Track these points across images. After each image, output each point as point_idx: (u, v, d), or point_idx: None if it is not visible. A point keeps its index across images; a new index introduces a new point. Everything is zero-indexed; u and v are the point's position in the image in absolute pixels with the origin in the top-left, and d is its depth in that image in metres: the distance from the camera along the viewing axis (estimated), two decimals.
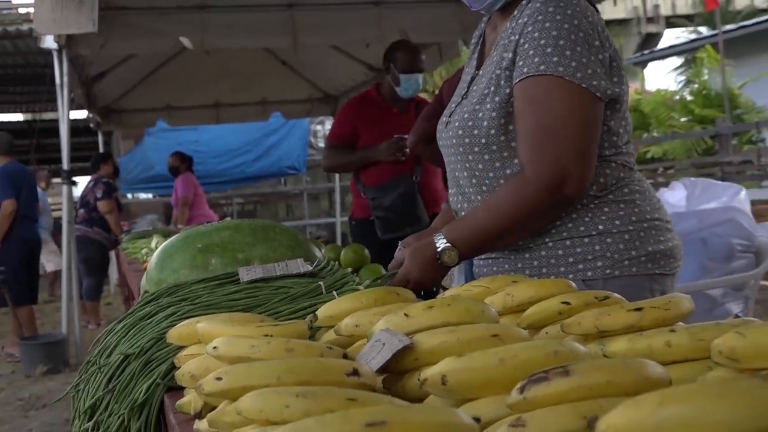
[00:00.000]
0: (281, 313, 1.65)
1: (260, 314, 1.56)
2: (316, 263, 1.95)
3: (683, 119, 15.48)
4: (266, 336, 1.21)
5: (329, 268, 1.95)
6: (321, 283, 1.77)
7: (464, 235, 1.81)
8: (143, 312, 1.74)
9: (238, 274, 1.84)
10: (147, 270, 2.10)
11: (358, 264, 2.24)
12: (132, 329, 1.68)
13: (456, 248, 1.79)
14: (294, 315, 1.63)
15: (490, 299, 1.38)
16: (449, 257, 1.80)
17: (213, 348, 1.16)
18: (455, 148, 1.94)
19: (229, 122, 11.46)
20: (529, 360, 0.92)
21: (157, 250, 2.14)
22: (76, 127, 7.80)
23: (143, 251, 4.64)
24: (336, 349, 1.16)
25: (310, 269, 1.88)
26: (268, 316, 1.56)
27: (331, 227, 14.82)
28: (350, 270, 2.05)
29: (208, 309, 1.66)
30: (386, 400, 0.89)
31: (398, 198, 4.24)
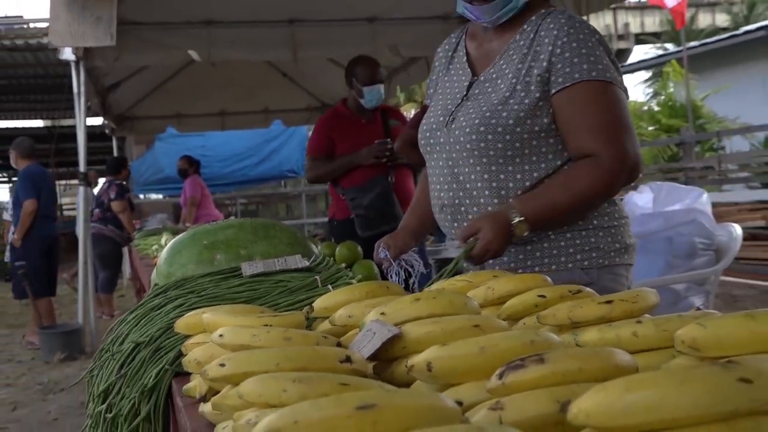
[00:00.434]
0: (280, 305, 1.64)
1: (261, 306, 1.56)
2: (313, 259, 1.94)
3: (651, 128, 15.49)
4: (266, 326, 1.21)
5: (325, 264, 1.94)
6: (317, 278, 1.77)
7: (537, 210, 1.79)
8: (153, 303, 1.73)
9: (241, 269, 1.84)
10: (157, 265, 2.09)
11: (352, 260, 2.23)
12: (142, 319, 1.68)
13: (528, 222, 1.78)
14: (292, 306, 1.63)
15: (473, 292, 1.38)
16: (520, 230, 1.78)
17: (218, 336, 1.16)
18: (462, 145, 1.92)
19: (234, 129, 11.45)
20: (508, 349, 0.92)
21: (167, 247, 2.13)
22: (92, 133, 7.78)
23: (154, 247, 4.63)
24: (330, 338, 1.16)
25: (307, 264, 1.88)
26: (268, 308, 1.55)
27: (327, 226, 14.75)
28: (344, 265, 2.04)
29: (213, 301, 1.65)
30: (376, 385, 0.89)
31: (375, 198, 4.24)
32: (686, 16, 13.86)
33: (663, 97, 16.40)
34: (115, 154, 10.74)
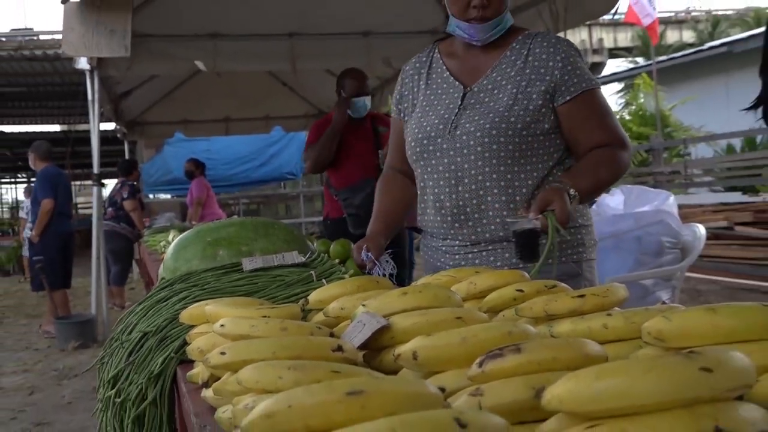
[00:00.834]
0: (278, 298, 1.64)
1: (260, 298, 1.56)
2: (309, 255, 1.94)
3: None
4: (264, 317, 1.20)
5: (320, 260, 1.94)
6: (312, 272, 1.77)
7: (588, 187, 1.88)
8: (160, 296, 1.73)
9: (242, 264, 1.83)
10: (164, 260, 2.08)
11: (345, 256, 2.22)
12: (150, 310, 1.67)
13: (579, 196, 1.83)
14: (288, 299, 1.63)
15: (456, 287, 1.38)
16: (573, 203, 1.81)
17: (220, 326, 1.16)
18: (471, 149, 1.93)
19: (237, 134, 11.40)
20: (488, 339, 0.92)
21: (173, 243, 2.12)
22: (105, 137, 7.72)
23: (162, 244, 4.61)
24: (324, 329, 1.16)
25: (303, 260, 1.88)
26: (267, 300, 1.55)
27: (322, 225, 14.74)
28: (338, 261, 2.03)
29: (215, 294, 1.65)
30: (365, 373, 0.89)
31: (366, 198, 4.21)
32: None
33: (634, 107, 16.48)
34: (127, 157, 10.69)
